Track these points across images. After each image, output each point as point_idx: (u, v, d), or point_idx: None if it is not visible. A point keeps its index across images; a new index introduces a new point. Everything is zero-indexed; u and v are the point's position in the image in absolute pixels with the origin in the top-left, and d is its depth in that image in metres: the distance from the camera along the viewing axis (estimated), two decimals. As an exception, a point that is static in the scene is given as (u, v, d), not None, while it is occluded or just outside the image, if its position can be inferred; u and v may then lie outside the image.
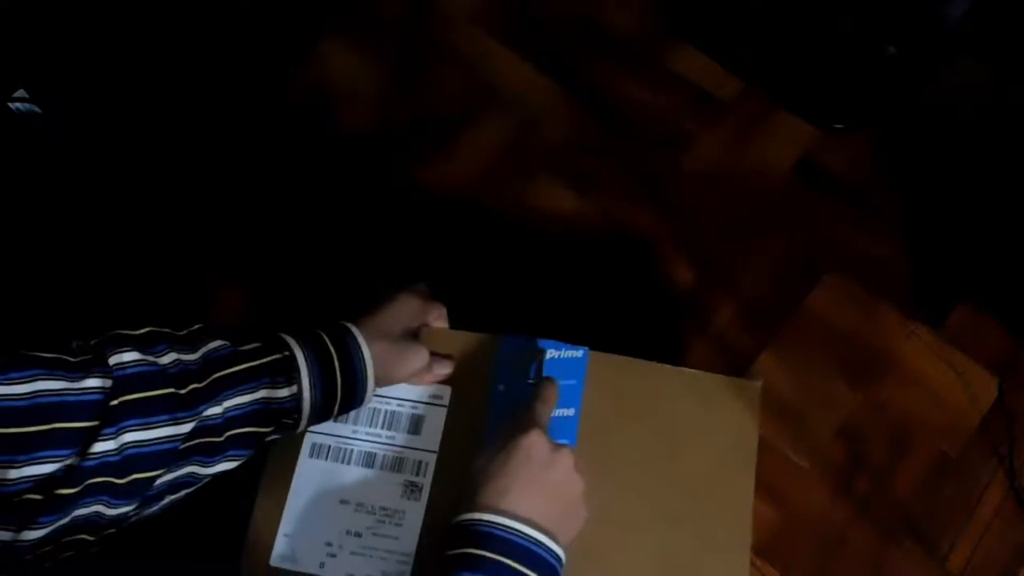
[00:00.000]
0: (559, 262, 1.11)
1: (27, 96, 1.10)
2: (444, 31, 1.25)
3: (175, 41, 1.22)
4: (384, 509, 0.64)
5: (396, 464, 0.66)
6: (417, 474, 0.66)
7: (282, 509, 0.65)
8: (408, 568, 0.63)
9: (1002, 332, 1.10)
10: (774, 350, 1.08)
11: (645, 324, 1.09)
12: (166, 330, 0.55)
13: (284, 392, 0.56)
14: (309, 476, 0.66)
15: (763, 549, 0.99)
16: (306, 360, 0.57)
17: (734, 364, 1.07)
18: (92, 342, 0.51)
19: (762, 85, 1.22)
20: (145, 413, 0.50)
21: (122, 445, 0.49)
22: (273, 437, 0.60)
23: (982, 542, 1.00)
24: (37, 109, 1.11)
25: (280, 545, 0.64)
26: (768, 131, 1.20)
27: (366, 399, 0.62)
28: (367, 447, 0.67)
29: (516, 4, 1.27)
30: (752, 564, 0.98)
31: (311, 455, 0.66)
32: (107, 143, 1.14)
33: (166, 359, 0.53)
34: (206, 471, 0.55)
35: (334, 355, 0.58)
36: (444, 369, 0.69)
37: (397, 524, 0.64)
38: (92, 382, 0.49)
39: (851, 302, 1.11)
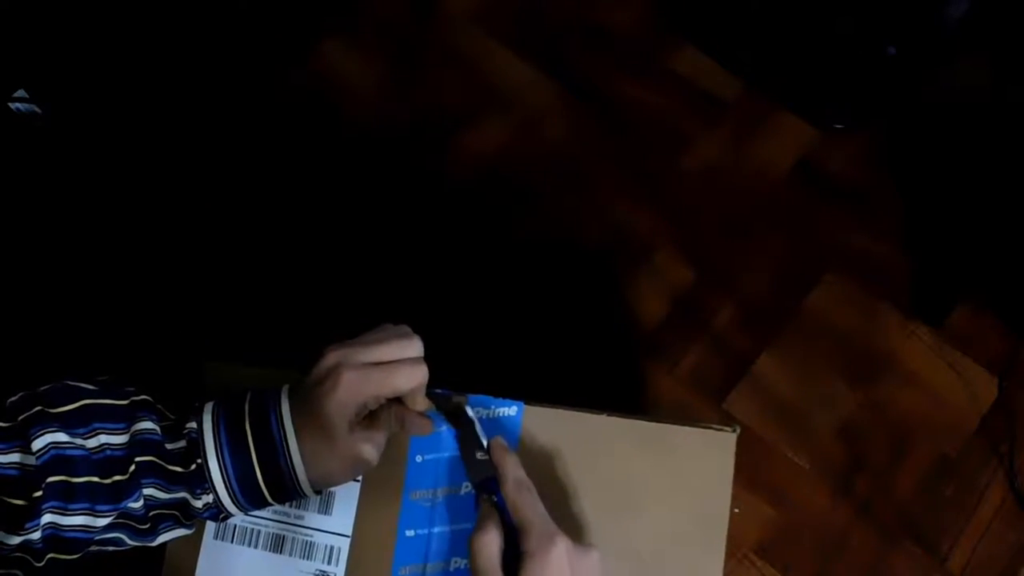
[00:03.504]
0: (558, 262, 1.11)
1: (27, 96, 1.10)
2: (444, 31, 1.25)
3: (174, 41, 1.22)
4: None
5: (306, 550, 0.60)
6: (329, 562, 0.59)
7: None
8: None
9: (1002, 332, 1.10)
10: (774, 350, 1.08)
11: (644, 325, 1.09)
12: (105, 402, 0.51)
13: (201, 503, 0.52)
14: (215, 560, 0.60)
15: (763, 549, 0.99)
16: (221, 471, 0.50)
17: (734, 364, 1.07)
18: (20, 417, 0.48)
19: (762, 85, 1.22)
20: (66, 497, 0.48)
21: (42, 528, 0.47)
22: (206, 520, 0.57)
23: (982, 542, 1.00)
24: (37, 109, 1.10)
25: None
26: (768, 131, 1.20)
27: (308, 497, 0.55)
28: (275, 528, 0.60)
29: (516, 4, 1.27)
30: (752, 564, 0.98)
31: (216, 536, 0.60)
32: (106, 143, 1.14)
33: (93, 442, 0.49)
34: (137, 542, 0.53)
35: (255, 463, 0.51)
36: (422, 428, 0.56)
37: None
38: (13, 457, 0.47)
39: (851, 302, 1.11)
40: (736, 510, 1.00)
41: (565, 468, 0.58)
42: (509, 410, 0.59)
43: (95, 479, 0.49)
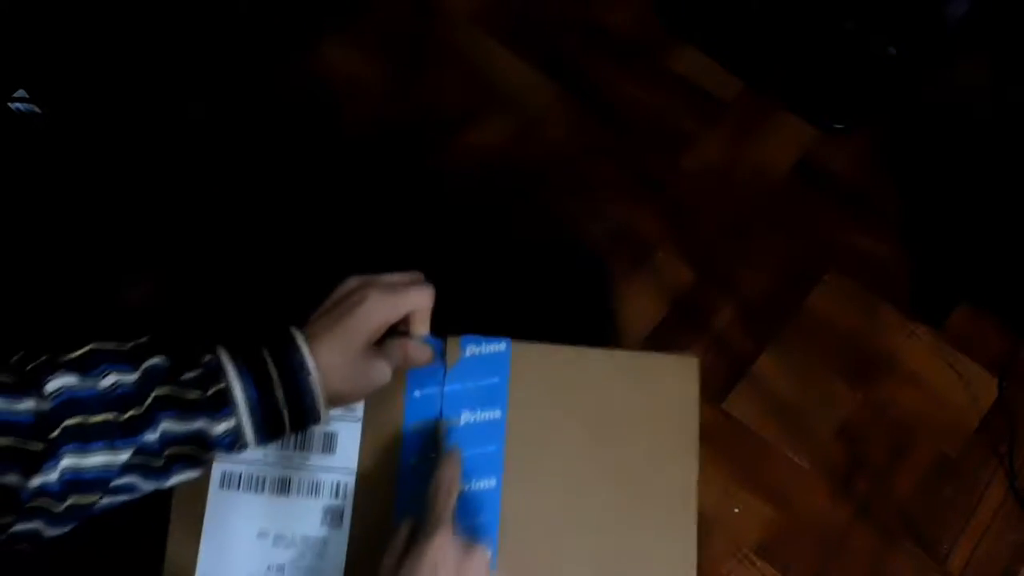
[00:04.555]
0: (558, 262, 1.11)
1: (27, 96, 1.10)
2: (444, 31, 1.25)
3: (175, 41, 1.22)
4: (305, 539, 0.61)
5: (313, 488, 0.62)
6: (336, 497, 0.62)
7: (197, 547, 0.61)
8: None
9: (1002, 332, 1.10)
10: (774, 350, 1.08)
11: (644, 325, 1.09)
12: (109, 347, 0.51)
13: (221, 428, 0.52)
14: (222, 509, 0.62)
15: (763, 549, 0.99)
16: (244, 393, 0.52)
17: (734, 364, 1.07)
18: (28, 367, 0.49)
19: (762, 85, 1.22)
20: (83, 439, 0.48)
21: (61, 472, 0.48)
22: (220, 456, 0.57)
23: (982, 542, 1.00)
24: (37, 109, 1.11)
25: None
26: (768, 131, 1.20)
27: (321, 420, 0.57)
28: (280, 472, 0.62)
29: (516, 4, 1.27)
30: (752, 564, 0.98)
31: (222, 486, 0.62)
32: (106, 143, 1.14)
33: (106, 382, 0.50)
34: (150, 486, 0.53)
35: (276, 383, 0.53)
36: (423, 355, 0.61)
37: (319, 555, 0.61)
38: (28, 404, 0.47)
39: (851, 302, 1.11)
40: (736, 510, 1.00)
41: (550, 397, 0.64)
42: (498, 347, 0.65)
43: (110, 416, 0.50)
